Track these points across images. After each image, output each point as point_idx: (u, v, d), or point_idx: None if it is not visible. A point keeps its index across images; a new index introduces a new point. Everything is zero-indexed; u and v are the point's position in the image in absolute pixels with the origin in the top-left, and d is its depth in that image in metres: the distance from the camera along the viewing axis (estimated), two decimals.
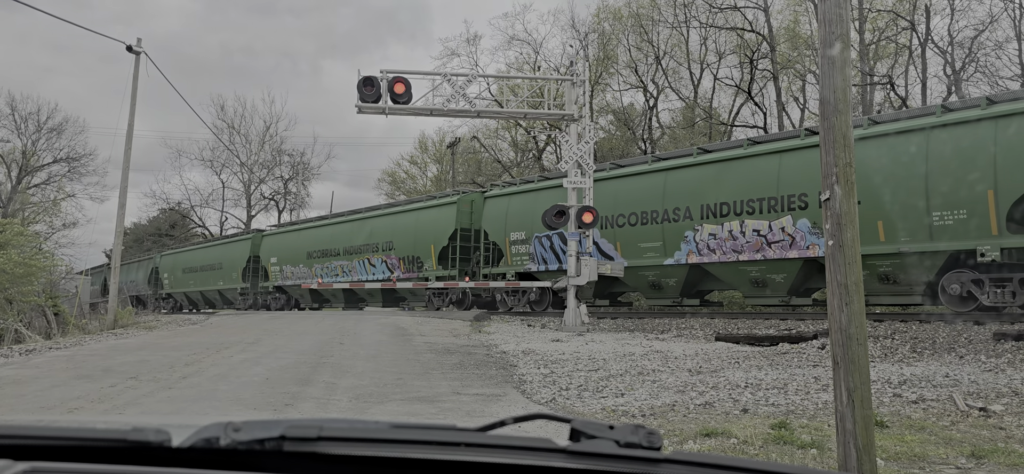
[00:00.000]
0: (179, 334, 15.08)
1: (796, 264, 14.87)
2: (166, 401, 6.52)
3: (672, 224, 16.76)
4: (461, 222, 21.93)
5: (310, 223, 30.65)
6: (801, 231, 14.65)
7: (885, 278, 13.66)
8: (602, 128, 35.81)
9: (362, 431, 1.03)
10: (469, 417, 5.77)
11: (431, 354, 10.39)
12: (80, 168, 43.72)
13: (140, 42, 20.00)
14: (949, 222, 12.63)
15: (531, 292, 19.72)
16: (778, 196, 14.99)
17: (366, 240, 25.11)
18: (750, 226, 15.40)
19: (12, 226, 18.20)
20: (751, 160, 15.76)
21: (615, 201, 17.92)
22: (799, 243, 14.68)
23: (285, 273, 29.15)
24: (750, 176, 15.59)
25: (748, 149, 16.11)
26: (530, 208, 19.88)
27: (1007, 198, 12.06)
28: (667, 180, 17.17)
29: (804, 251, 14.61)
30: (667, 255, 16.84)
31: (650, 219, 17.20)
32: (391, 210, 25.72)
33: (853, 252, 3.43)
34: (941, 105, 13.93)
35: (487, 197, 22.03)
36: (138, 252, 48.05)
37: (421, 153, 50.57)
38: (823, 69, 3.60)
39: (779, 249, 14.97)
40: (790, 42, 31.77)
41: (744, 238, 15.52)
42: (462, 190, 24.68)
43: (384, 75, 15.94)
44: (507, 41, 48.05)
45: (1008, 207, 12.07)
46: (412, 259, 23.11)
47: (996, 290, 12.36)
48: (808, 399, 6.55)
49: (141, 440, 0.99)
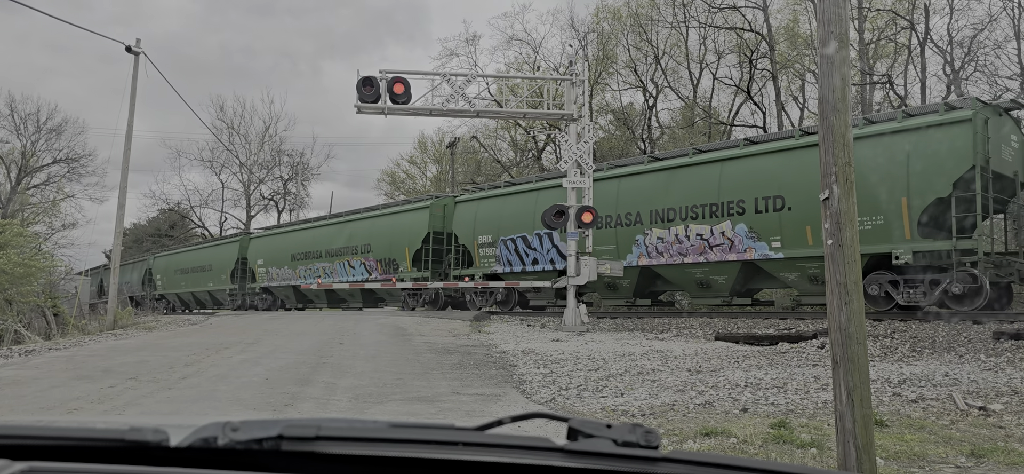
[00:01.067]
0: (179, 334, 15.08)
1: (735, 266, 15.81)
2: (166, 401, 6.52)
3: (625, 228, 17.75)
4: (434, 226, 22.80)
5: (294, 226, 31.75)
6: (739, 235, 15.67)
7: (815, 279, 14.69)
8: (601, 128, 35.81)
9: (360, 430, 1.03)
10: (468, 417, 5.77)
11: (431, 354, 10.39)
12: (79, 169, 43.74)
13: (139, 42, 19.99)
14: (869, 227, 13.58)
15: (498, 292, 20.73)
16: (719, 202, 16.02)
17: (345, 243, 25.99)
18: (694, 230, 16.46)
19: (12, 227, 18.19)
20: (695, 168, 16.74)
21: None
22: (737, 246, 15.68)
23: (271, 274, 30.08)
24: (694, 183, 16.55)
25: (693, 158, 17.07)
26: (497, 213, 21.01)
27: (918, 206, 13.15)
28: (620, 186, 18.12)
29: (742, 254, 15.61)
30: (620, 257, 17.67)
31: (605, 223, 17.99)
32: (369, 214, 26.46)
33: (852, 251, 3.43)
34: (864, 118, 14.95)
35: (458, 202, 23.01)
36: (137, 253, 48.10)
37: (421, 153, 50.60)
38: (822, 68, 3.60)
39: (720, 252, 15.98)
40: (789, 41, 31.78)
41: (689, 242, 16.53)
42: (435, 195, 25.67)
43: (383, 75, 15.94)
44: (506, 41, 48.02)
45: (919, 214, 13.15)
46: (388, 261, 23.99)
47: (909, 290, 13.48)
48: (808, 398, 6.55)
49: (139, 440, 0.99)
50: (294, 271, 28.39)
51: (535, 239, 19.60)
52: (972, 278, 12.60)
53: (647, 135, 35.41)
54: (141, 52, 19.98)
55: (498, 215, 20.88)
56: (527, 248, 19.72)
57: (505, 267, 20.44)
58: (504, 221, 20.63)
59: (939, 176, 12.88)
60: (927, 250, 13.13)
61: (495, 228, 20.80)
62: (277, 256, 29.73)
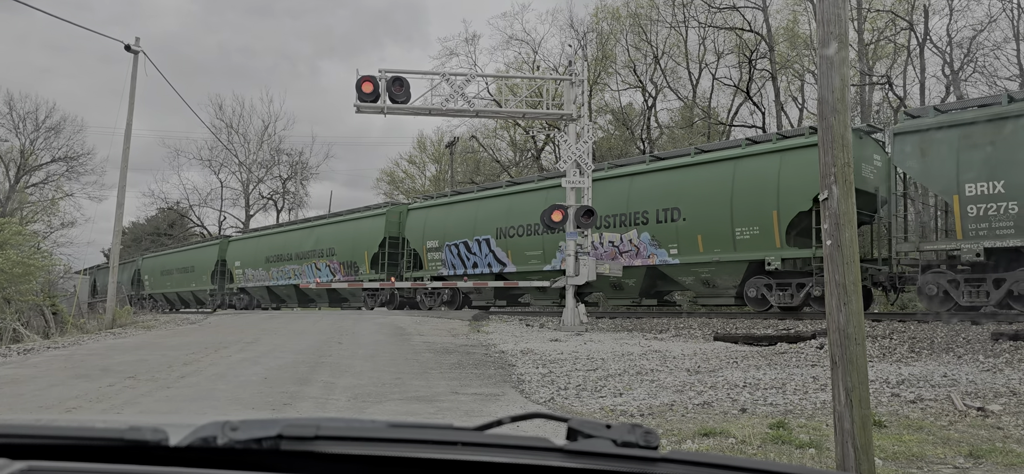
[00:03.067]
0: (177, 334, 15.07)
1: (641, 271, 17.44)
2: (164, 401, 6.52)
3: (550, 235, 19.02)
4: (389, 231, 24.44)
5: (268, 231, 33.91)
6: (644, 243, 17.34)
7: (706, 283, 16.39)
8: (601, 128, 35.81)
9: (359, 430, 1.03)
10: (467, 416, 5.77)
11: (430, 354, 10.39)
12: (78, 167, 43.68)
13: (138, 41, 19.97)
14: (747, 237, 15.49)
15: (444, 293, 22.34)
16: (628, 213, 17.73)
17: (313, 246, 27.81)
18: (607, 238, 18.11)
19: (10, 225, 18.17)
20: (610, 182, 18.28)
21: (508, 215, 20.62)
22: (642, 253, 17.34)
23: (247, 276, 31.81)
24: (609, 195, 17.94)
25: (607, 172, 18.72)
26: (442, 220, 22.85)
27: (786, 217, 14.89)
28: (547, 197, 19.36)
29: (646, 260, 17.25)
30: (546, 262, 19.36)
31: (533, 231, 19.64)
32: (333, 220, 28.26)
33: (851, 251, 3.43)
34: (746, 138, 17.29)
35: (410, 210, 24.83)
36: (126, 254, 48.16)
37: (420, 153, 50.56)
38: (821, 69, 3.60)
39: (628, 258, 17.58)
40: (789, 42, 31.78)
41: (603, 248, 18.09)
42: (391, 203, 27.59)
43: (383, 74, 15.92)
44: (505, 41, 48.06)
45: (787, 225, 14.89)
46: (350, 264, 25.71)
47: (780, 292, 15.21)
48: (806, 399, 6.55)
49: (138, 439, 0.99)
50: (268, 272, 30.26)
51: (474, 245, 21.44)
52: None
53: (646, 135, 35.41)
54: (140, 51, 19.96)
55: (444, 223, 22.66)
56: (468, 253, 21.59)
57: (449, 270, 22.20)
58: (449, 228, 22.36)
59: (803, 191, 14.44)
60: (794, 257, 14.86)
61: (441, 234, 22.57)
62: (253, 258, 31.42)
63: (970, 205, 12.60)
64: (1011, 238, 12.20)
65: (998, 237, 12.30)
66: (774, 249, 15.04)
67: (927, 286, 13.37)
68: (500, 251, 20.58)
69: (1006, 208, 12.21)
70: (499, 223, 20.64)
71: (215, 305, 33.60)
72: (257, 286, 31.11)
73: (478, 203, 21.89)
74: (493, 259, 20.62)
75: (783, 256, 14.90)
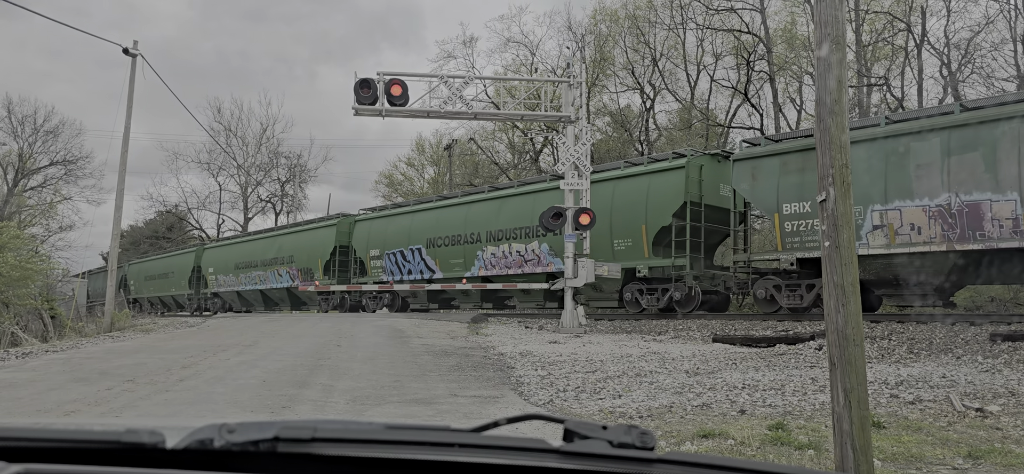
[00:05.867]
0: (176, 337, 15.05)
1: (542, 277, 19.32)
2: (162, 404, 6.51)
3: (470, 245, 21.49)
4: (340, 240, 26.76)
5: (237, 239, 36.66)
6: (544, 252, 19.46)
7: (594, 287, 17.92)
8: (599, 130, 35.78)
9: (356, 432, 1.03)
10: (466, 418, 5.76)
11: (428, 356, 10.38)
12: (76, 171, 43.56)
13: (136, 44, 19.97)
14: (623, 247, 17.52)
15: (384, 297, 24.39)
16: (531, 226, 19.48)
17: (275, 254, 30.06)
18: (515, 248, 20.26)
19: (8, 229, 18.15)
20: (517, 198, 20.62)
21: (437, 226, 22.75)
22: (542, 261, 19.48)
23: (219, 281, 34.00)
24: (516, 210, 20.31)
25: (517, 189, 21.18)
26: (382, 231, 25.00)
27: (652, 231, 16.95)
28: (469, 211, 21.94)
29: (545, 268, 19.38)
30: (466, 269, 21.51)
31: (456, 241, 21.94)
32: (293, 230, 31.14)
33: (849, 253, 3.43)
34: (624, 160, 20.42)
35: (357, 221, 26.97)
36: (133, 255, 48.21)
37: (418, 155, 50.49)
38: (818, 71, 3.60)
39: (532, 266, 19.77)
40: (787, 43, 31.77)
41: (511, 257, 20.29)
42: (342, 214, 29.40)
43: (381, 77, 15.93)
44: (503, 43, 47.83)
45: (652, 237, 16.93)
46: (306, 270, 27.99)
47: (649, 296, 17.37)
48: (805, 400, 6.56)
49: (135, 441, 0.99)
50: (237, 278, 32.58)
51: (409, 253, 23.62)
52: (689, 288, 16.57)
53: (644, 137, 35.41)
54: (138, 54, 19.95)
55: (384, 233, 24.86)
56: (404, 261, 23.84)
57: (389, 276, 24.40)
58: (388, 238, 24.55)
59: (665, 208, 16.62)
60: (658, 265, 16.90)
61: (381, 244, 24.79)
62: (224, 265, 33.76)
63: (787, 222, 14.69)
64: (817, 250, 13.69)
65: (807, 249, 14.36)
66: (643, 259, 17.10)
67: (758, 290, 15.56)
68: (430, 259, 22.86)
69: (812, 224, 14.17)
70: (429, 234, 22.86)
71: (192, 309, 35.62)
72: (228, 291, 33.38)
73: (412, 216, 24.22)
74: (424, 266, 22.94)
75: (650, 265, 16.97)
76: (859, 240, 13.33)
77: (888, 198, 13.29)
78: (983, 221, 12.14)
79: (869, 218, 13.50)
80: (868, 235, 13.49)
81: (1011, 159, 11.87)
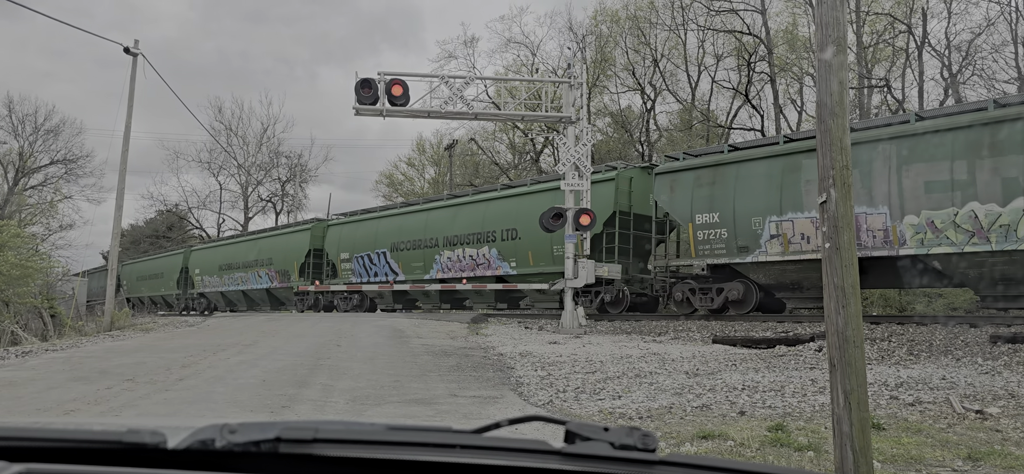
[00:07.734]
0: (176, 336, 15.05)
1: (492, 280, 20.66)
2: (162, 403, 6.51)
3: (429, 250, 22.87)
4: (314, 244, 28.08)
5: (222, 242, 38.48)
6: (493, 257, 20.72)
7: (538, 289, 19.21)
8: (600, 131, 35.77)
9: (357, 433, 1.03)
10: (466, 419, 5.76)
11: (428, 356, 10.38)
12: (77, 170, 43.57)
13: (137, 44, 19.96)
14: (561, 253, 17.92)
15: (354, 297, 25.52)
16: (483, 232, 21.09)
17: (256, 256, 31.57)
18: (468, 253, 21.54)
19: (9, 228, 18.14)
20: (470, 205, 22.06)
21: (400, 231, 24.07)
22: (492, 266, 20.73)
23: (205, 282, 35.34)
24: (470, 217, 21.72)
25: (471, 197, 22.66)
26: (352, 235, 26.39)
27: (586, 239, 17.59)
28: (428, 218, 23.28)
29: (495, 272, 20.64)
30: (426, 272, 22.82)
31: (417, 246, 23.32)
32: (272, 234, 32.67)
33: (849, 254, 3.43)
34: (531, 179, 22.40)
35: (329, 226, 28.43)
36: (135, 254, 48.27)
37: (419, 155, 50.49)
38: (819, 72, 3.60)
39: (483, 269, 21.04)
40: (788, 45, 31.76)
41: (465, 261, 21.60)
42: (316, 218, 31.14)
43: (382, 77, 15.93)
44: (504, 44, 47.92)
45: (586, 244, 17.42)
46: (283, 272, 29.47)
47: (584, 298, 18.41)
48: (805, 401, 6.55)
49: (136, 442, 0.99)
50: (221, 279, 33.94)
51: (375, 257, 24.94)
52: (618, 291, 18.14)
53: (645, 138, 35.41)
54: (139, 53, 19.95)
55: (353, 237, 26.21)
56: (371, 264, 25.18)
57: (358, 278, 25.67)
58: (357, 242, 25.90)
59: (597, 217, 17.02)
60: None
61: (351, 247, 26.11)
62: (209, 266, 35.13)
63: (699, 231, 15.85)
64: (723, 256, 15.54)
65: (716, 256, 15.58)
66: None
67: (676, 293, 16.88)
68: (394, 262, 24.23)
69: (720, 233, 15.45)
70: (393, 239, 24.25)
71: (180, 308, 37.08)
72: (213, 291, 34.78)
73: (378, 222, 25.58)
74: (389, 269, 24.33)
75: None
76: (759, 248, 14.97)
77: (783, 210, 14.55)
78: (860, 232, 13.06)
79: (767, 228, 14.78)
80: (767, 243, 14.80)
81: (883, 177, 13.17)
